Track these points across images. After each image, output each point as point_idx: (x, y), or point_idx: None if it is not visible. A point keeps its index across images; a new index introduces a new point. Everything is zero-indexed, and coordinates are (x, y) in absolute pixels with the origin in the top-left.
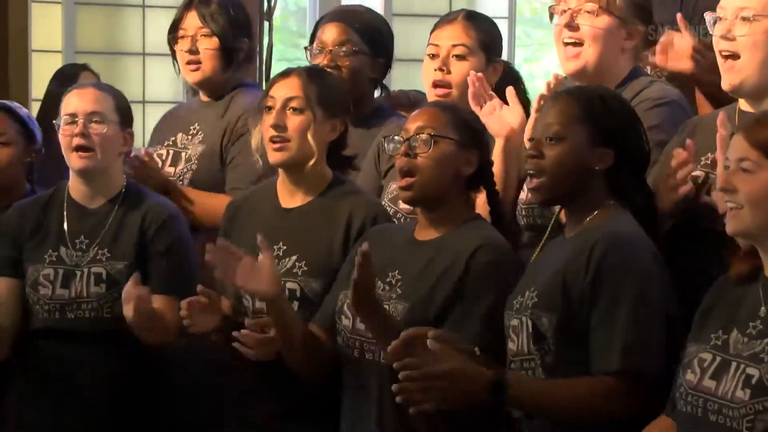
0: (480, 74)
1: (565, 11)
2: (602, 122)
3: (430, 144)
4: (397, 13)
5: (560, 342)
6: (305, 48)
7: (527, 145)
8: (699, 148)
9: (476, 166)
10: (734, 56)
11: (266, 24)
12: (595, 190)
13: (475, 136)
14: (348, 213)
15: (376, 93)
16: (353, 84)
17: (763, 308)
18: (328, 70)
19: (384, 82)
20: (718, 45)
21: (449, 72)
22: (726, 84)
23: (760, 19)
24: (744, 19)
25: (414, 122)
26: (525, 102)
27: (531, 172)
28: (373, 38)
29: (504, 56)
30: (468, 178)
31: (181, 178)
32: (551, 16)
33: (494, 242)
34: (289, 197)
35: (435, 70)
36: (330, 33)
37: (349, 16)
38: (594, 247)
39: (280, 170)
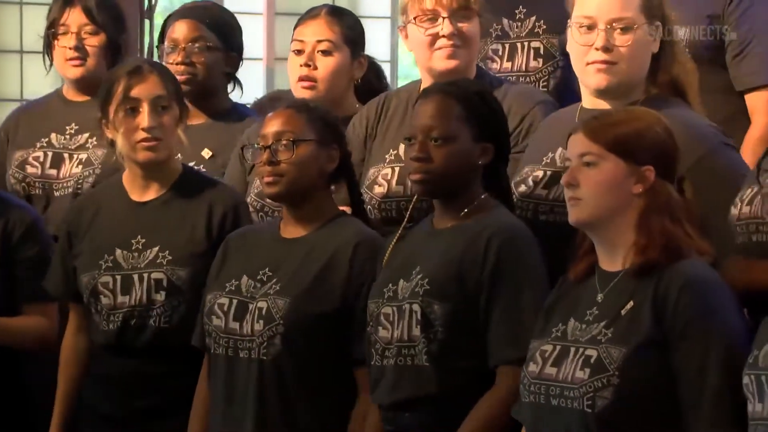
0: None
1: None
2: (484, 118)
3: (292, 149)
4: (280, 12)
5: (450, 330)
6: (156, 47)
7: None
8: (541, 148)
9: (338, 161)
10: (612, 62)
11: (147, 23)
12: (474, 183)
13: (332, 132)
14: (208, 202)
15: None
16: (208, 80)
17: (600, 295)
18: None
19: (275, 81)
20: (592, 55)
21: (315, 68)
22: (600, 83)
23: (636, 28)
24: (623, 29)
25: (271, 127)
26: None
27: (417, 176)
28: (225, 33)
29: (387, 57)
30: (331, 173)
31: (79, 181)
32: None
33: (369, 238)
34: (141, 191)
35: (300, 66)
36: (181, 30)
37: (198, 12)
38: (490, 239)
39: (133, 166)
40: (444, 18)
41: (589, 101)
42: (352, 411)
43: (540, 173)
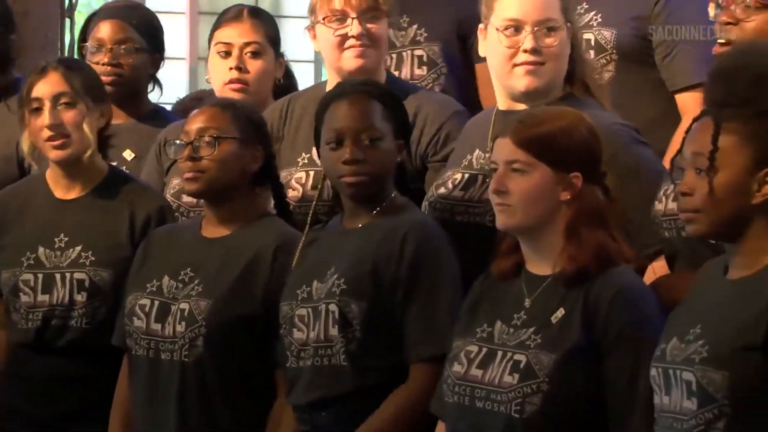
0: None
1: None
2: (399, 116)
3: (214, 145)
4: (203, 12)
5: (368, 329)
6: (79, 46)
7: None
8: (460, 152)
9: (262, 161)
10: (541, 63)
11: (68, 21)
12: (390, 182)
13: (257, 131)
14: (131, 204)
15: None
16: (135, 82)
17: (527, 300)
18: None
19: (198, 80)
20: (521, 56)
21: (247, 71)
22: (529, 86)
23: (560, 29)
24: (549, 29)
25: (195, 123)
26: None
27: (353, 178)
28: (151, 34)
29: (311, 57)
30: (255, 174)
31: None
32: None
33: (291, 239)
34: (65, 190)
35: (230, 69)
36: (107, 30)
37: (125, 13)
38: (406, 236)
39: (54, 164)
40: (353, 18)
41: (504, 103)
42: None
43: (458, 176)
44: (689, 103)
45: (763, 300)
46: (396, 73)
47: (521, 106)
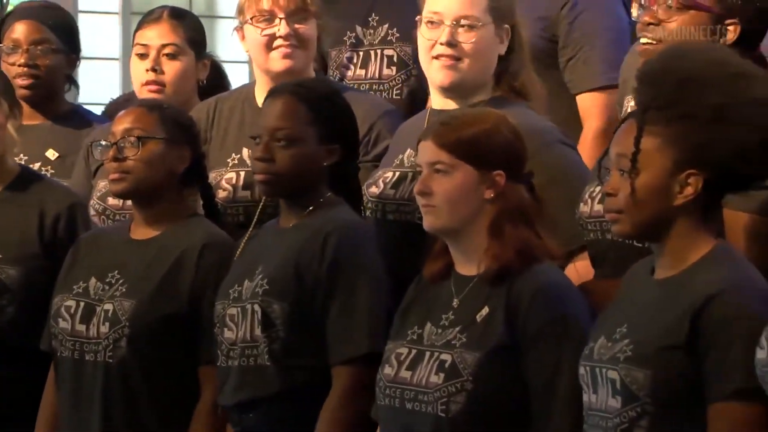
0: None
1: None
2: (331, 120)
3: (138, 146)
4: (135, 12)
5: (291, 329)
6: None
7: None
8: (394, 152)
9: (189, 162)
10: (457, 58)
11: None
12: (320, 184)
13: (185, 132)
14: (42, 202)
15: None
16: (52, 82)
17: (455, 300)
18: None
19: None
20: (437, 49)
21: (162, 72)
22: (444, 80)
23: (481, 27)
24: (469, 26)
25: (120, 124)
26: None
27: (261, 176)
28: (67, 34)
29: (245, 57)
30: (182, 174)
31: None
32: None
33: (218, 240)
34: None
35: (147, 70)
36: (23, 31)
37: (41, 13)
38: (328, 236)
39: None
40: (281, 19)
41: (438, 102)
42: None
43: (389, 174)
44: (590, 106)
45: (686, 300)
46: (362, 72)
47: (453, 105)
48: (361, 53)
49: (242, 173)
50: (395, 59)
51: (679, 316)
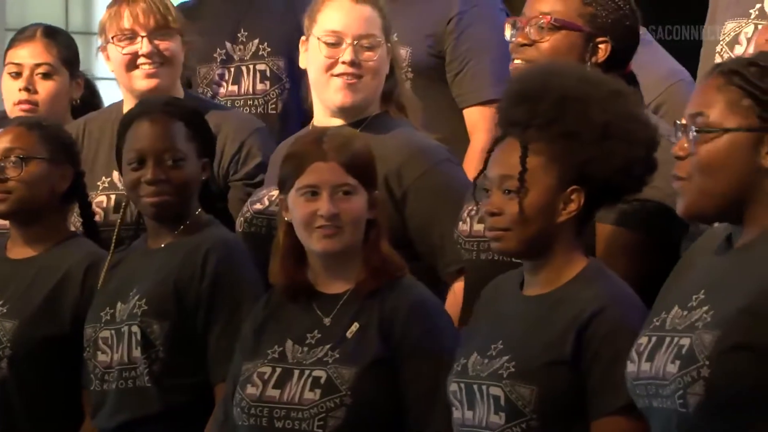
0: None
1: None
2: (203, 135)
3: (21, 166)
4: (10, 28)
5: (171, 348)
6: None
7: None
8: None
9: (71, 180)
10: (359, 77)
11: None
12: (194, 201)
13: (66, 151)
14: None
15: None
16: None
17: (326, 319)
18: None
19: None
20: (340, 68)
21: (36, 92)
22: (346, 100)
23: (381, 46)
24: (369, 45)
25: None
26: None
27: (155, 199)
28: None
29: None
30: (63, 193)
31: None
32: None
33: (101, 258)
34: None
35: (20, 90)
36: None
37: None
38: (208, 253)
39: None
40: (142, 37)
41: (322, 119)
42: None
43: (275, 192)
44: (478, 120)
45: (569, 316)
46: (234, 88)
47: (337, 122)
48: (232, 69)
49: (113, 196)
50: (268, 74)
51: (562, 332)
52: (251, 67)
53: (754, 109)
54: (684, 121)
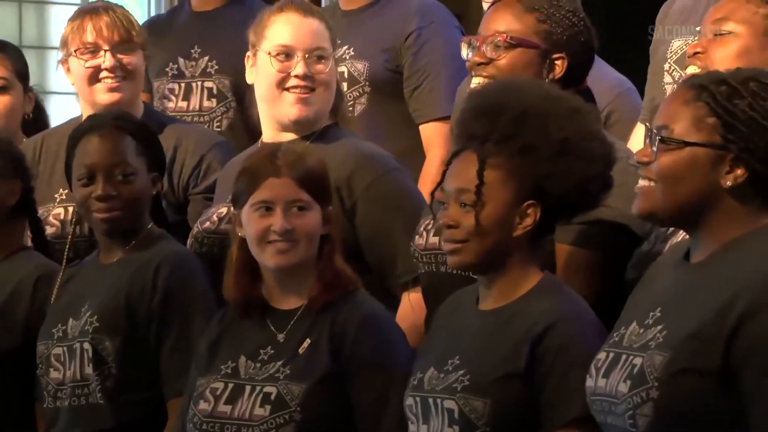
0: None
1: None
2: (152, 149)
3: None
4: None
5: (123, 364)
6: None
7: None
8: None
9: (19, 195)
10: (311, 89)
11: None
12: (145, 215)
13: (14, 165)
14: None
15: None
16: None
17: (280, 335)
18: None
19: None
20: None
21: None
22: (300, 114)
23: (330, 58)
24: (320, 57)
25: None
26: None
27: (105, 214)
28: None
29: None
30: (12, 207)
31: None
32: None
33: (51, 272)
34: None
35: None
36: None
37: None
38: (159, 268)
39: None
40: (105, 51)
41: (270, 135)
42: None
43: (224, 210)
44: (434, 135)
45: (522, 329)
46: (184, 104)
47: (288, 136)
48: (182, 85)
49: (70, 208)
50: (215, 91)
51: (516, 345)
52: (200, 83)
53: (718, 129)
54: (653, 128)
